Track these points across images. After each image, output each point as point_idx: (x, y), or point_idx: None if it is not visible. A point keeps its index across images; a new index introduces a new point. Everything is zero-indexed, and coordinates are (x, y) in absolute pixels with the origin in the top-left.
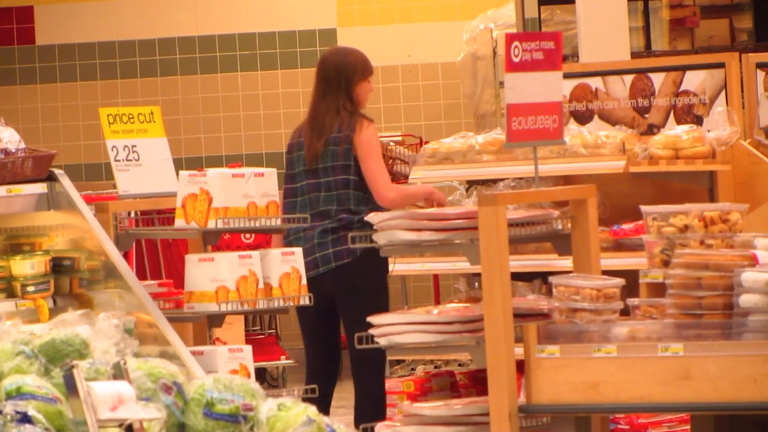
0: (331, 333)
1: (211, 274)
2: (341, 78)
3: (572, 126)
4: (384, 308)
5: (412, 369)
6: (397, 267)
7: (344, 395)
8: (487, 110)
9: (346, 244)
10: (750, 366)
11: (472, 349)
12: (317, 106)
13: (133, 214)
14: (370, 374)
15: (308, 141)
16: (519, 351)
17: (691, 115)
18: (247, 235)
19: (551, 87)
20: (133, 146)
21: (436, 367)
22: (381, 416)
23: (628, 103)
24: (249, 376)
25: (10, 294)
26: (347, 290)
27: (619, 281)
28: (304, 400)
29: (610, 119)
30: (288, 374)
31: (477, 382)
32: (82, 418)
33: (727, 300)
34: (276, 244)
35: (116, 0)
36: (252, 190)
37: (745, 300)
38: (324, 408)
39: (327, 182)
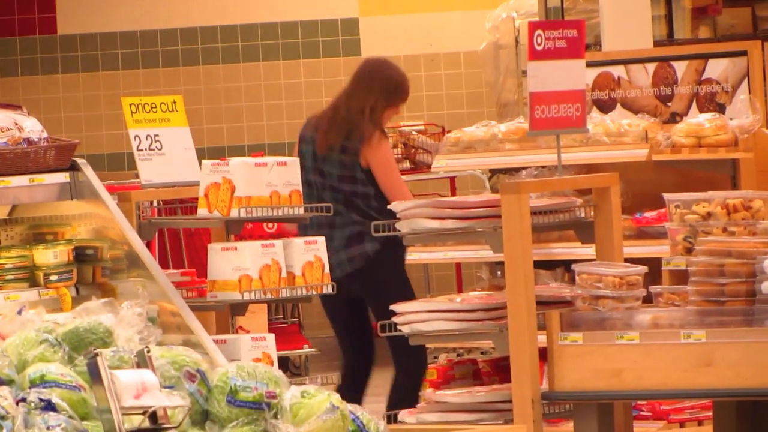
0: (362, 322)
1: (234, 263)
2: (390, 89)
3: (595, 114)
4: (409, 294)
5: (435, 357)
6: (420, 255)
7: (381, 382)
8: (509, 99)
9: (358, 249)
10: None
11: (495, 337)
12: (348, 102)
13: (155, 204)
14: (407, 362)
15: (322, 136)
16: (542, 338)
17: (713, 103)
18: (270, 225)
19: (574, 75)
20: (156, 135)
21: (458, 355)
22: (413, 404)
23: (650, 91)
24: (272, 364)
25: (33, 283)
26: (369, 290)
27: (642, 269)
28: (339, 387)
29: (632, 108)
30: (310, 363)
31: (500, 370)
32: (106, 406)
33: (749, 287)
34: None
35: None
36: (275, 179)
37: None
38: (357, 397)
39: (333, 187)
